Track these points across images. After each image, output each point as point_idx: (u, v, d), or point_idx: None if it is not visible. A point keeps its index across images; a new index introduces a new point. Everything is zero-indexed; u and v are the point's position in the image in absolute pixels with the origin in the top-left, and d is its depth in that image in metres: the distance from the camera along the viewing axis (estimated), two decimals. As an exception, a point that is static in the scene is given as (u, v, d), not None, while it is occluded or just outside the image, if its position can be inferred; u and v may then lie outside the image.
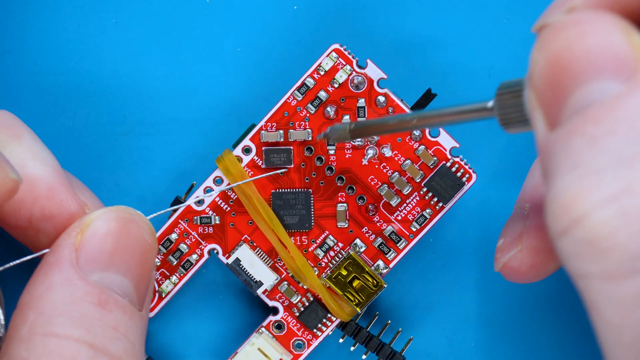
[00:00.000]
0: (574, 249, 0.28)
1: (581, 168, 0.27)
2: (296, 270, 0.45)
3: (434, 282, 0.49)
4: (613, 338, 0.28)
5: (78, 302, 0.36)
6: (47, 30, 0.49)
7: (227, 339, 0.48)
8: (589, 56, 0.28)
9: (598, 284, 0.27)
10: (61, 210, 0.40)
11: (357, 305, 0.44)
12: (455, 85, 0.49)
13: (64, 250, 0.37)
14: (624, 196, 0.26)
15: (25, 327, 0.35)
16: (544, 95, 0.29)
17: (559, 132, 0.28)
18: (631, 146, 0.27)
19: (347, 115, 0.45)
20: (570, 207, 0.27)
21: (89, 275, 0.37)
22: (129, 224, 0.38)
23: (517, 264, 0.39)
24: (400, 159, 0.45)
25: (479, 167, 0.47)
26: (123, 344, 0.36)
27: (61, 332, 0.35)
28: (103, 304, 0.36)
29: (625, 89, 0.27)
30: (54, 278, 0.36)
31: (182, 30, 0.49)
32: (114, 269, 0.37)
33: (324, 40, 0.49)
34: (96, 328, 0.36)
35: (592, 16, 0.29)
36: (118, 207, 0.39)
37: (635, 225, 0.26)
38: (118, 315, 0.37)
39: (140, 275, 0.38)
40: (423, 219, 0.45)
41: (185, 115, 0.49)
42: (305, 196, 0.45)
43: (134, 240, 0.38)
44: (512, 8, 0.49)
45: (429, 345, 0.49)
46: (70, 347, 0.35)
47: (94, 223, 0.38)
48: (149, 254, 0.39)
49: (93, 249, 0.37)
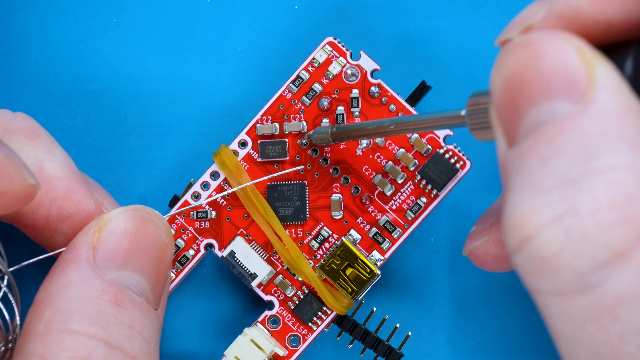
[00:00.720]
0: (526, 267, 0.28)
1: (531, 187, 0.28)
2: (291, 262, 0.44)
3: (433, 283, 0.49)
4: (570, 352, 0.28)
5: (94, 300, 0.36)
6: (48, 31, 0.49)
7: (223, 334, 0.48)
8: (543, 76, 0.29)
9: (551, 300, 0.28)
10: (78, 210, 0.40)
11: (351, 294, 0.44)
12: (453, 79, 0.49)
13: (81, 248, 0.37)
14: (569, 216, 0.27)
15: (41, 324, 0.36)
16: (502, 113, 0.30)
17: (515, 150, 0.29)
18: (578, 167, 0.27)
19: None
20: (521, 225, 0.28)
21: (105, 274, 0.37)
22: (146, 223, 0.39)
23: (481, 252, 0.40)
24: (393, 147, 0.45)
25: (474, 156, 0.46)
26: (138, 342, 0.36)
27: (77, 328, 0.35)
28: (119, 302, 0.36)
29: (577, 110, 0.28)
30: (71, 275, 0.37)
31: (183, 30, 0.49)
32: (131, 267, 0.37)
33: (324, 37, 0.49)
34: (112, 326, 0.36)
35: (546, 36, 0.29)
36: (136, 206, 0.39)
37: (580, 244, 0.27)
38: (134, 313, 0.37)
39: (156, 274, 0.38)
40: (417, 207, 0.45)
41: (185, 115, 0.49)
42: (300, 188, 0.45)
43: (151, 239, 0.38)
44: (512, 2, 0.49)
45: (429, 344, 0.49)
46: (86, 343, 0.35)
47: (112, 222, 0.38)
48: (166, 253, 0.39)
49: (110, 247, 0.37)
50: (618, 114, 0.28)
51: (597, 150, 0.27)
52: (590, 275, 0.27)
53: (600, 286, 0.27)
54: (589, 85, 0.28)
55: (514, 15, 0.48)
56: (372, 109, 0.45)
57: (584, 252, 0.27)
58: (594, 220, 0.27)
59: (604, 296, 0.27)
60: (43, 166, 0.40)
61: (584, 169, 0.27)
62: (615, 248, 0.27)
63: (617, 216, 0.27)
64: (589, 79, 0.28)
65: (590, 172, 0.27)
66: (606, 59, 0.29)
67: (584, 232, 0.27)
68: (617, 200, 0.27)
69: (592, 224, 0.27)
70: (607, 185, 0.27)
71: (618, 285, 0.27)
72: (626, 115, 0.28)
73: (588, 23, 0.31)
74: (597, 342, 0.27)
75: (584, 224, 0.27)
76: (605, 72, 0.28)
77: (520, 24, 0.32)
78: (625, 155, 0.27)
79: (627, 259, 0.27)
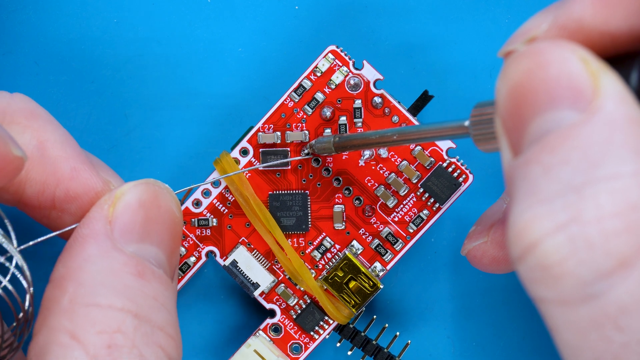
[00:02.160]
0: (530, 275, 0.28)
1: (536, 195, 0.28)
2: (293, 272, 0.44)
3: (433, 283, 0.49)
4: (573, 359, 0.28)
5: (117, 273, 0.36)
6: (48, 31, 0.49)
7: (225, 341, 0.48)
8: (547, 86, 0.28)
9: (554, 308, 0.28)
10: (86, 189, 0.39)
11: (354, 307, 0.44)
12: (456, 87, 0.49)
13: (97, 223, 0.37)
14: (573, 224, 0.27)
15: (65, 299, 0.35)
16: (507, 123, 0.30)
17: (519, 159, 0.29)
18: (582, 175, 0.27)
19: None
20: (524, 234, 0.28)
21: (124, 247, 0.37)
22: (159, 196, 0.38)
23: (479, 254, 0.41)
24: (396, 159, 0.45)
25: (476, 168, 0.46)
26: (163, 313, 0.36)
27: (104, 302, 0.35)
28: (141, 275, 0.36)
29: (581, 118, 0.28)
30: (91, 250, 0.36)
31: (184, 30, 0.49)
32: (148, 240, 0.37)
33: (325, 40, 0.49)
34: (138, 298, 0.36)
35: (551, 46, 0.29)
36: (147, 179, 0.39)
37: (583, 253, 0.27)
38: (156, 285, 0.37)
39: (171, 246, 0.38)
40: (420, 220, 0.45)
41: (186, 115, 0.49)
42: (302, 198, 0.45)
43: (165, 212, 0.38)
44: (513, 9, 0.49)
45: (429, 344, 0.49)
46: (115, 316, 0.35)
47: (126, 195, 0.38)
48: (178, 226, 0.39)
49: (127, 220, 0.37)
50: (623, 123, 0.28)
51: (601, 158, 0.27)
52: (594, 284, 0.27)
53: (603, 295, 0.27)
54: (593, 95, 0.28)
55: (518, 24, 0.48)
56: (375, 119, 0.45)
57: (587, 261, 0.27)
58: (598, 228, 0.27)
59: (608, 305, 0.27)
60: (46, 147, 0.39)
61: (588, 177, 0.27)
62: (618, 256, 0.27)
63: (620, 224, 0.27)
64: (593, 88, 0.28)
65: (594, 180, 0.27)
66: (611, 69, 0.29)
67: (588, 240, 0.27)
68: (621, 208, 0.27)
69: (596, 232, 0.27)
70: (611, 193, 0.27)
71: (622, 293, 0.27)
72: (631, 124, 0.28)
73: (592, 35, 0.31)
74: (601, 350, 0.27)
75: (587, 232, 0.27)
76: (611, 82, 0.28)
77: (523, 35, 0.32)
78: (630, 164, 0.27)
79: (631, 268, 0.26)
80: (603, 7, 0.30)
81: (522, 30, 0.33)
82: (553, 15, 0.32)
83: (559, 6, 0.32)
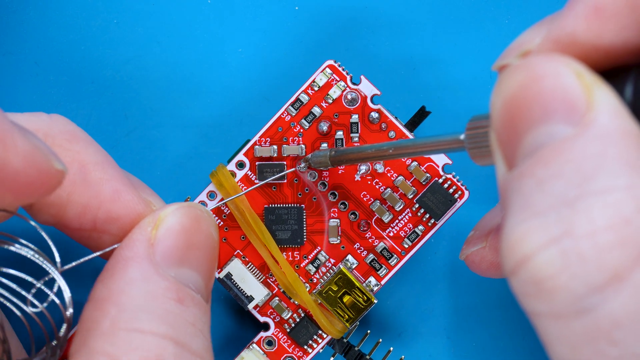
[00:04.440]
0: (523, 289, 0.28)
1: (529, 209, 0.28)
2: (287, 285, 0.45)
3: (428, 298, 0.49)
4: None
5: (159, 298, 0.36)
6: (49, 31, 0.49)
7: (218, 354, 0.49)
8: (541, 99, 0.28)
9: (548, 322, 0.28)
10: (128, 211, 0.39)
11: (347, 321, 0.44)
12: (453, 103, 0.49)
13: (140, 246, 0.37)
14: (566, 238, 0.27)
15: (106, 322, 0.35)
16: (502, 136, 0.30)
17: (513, 172, 0.29)
18: (575, 188, 0.27)
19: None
20: (517, 247, 0.28)
21: (166, 271, 0.37)
22: (200, 221, 0.38)
23: (478, 259, 0.41)
24: (392, 175, 0.45)
25: (472, 184, 0.46)
26: (201, 340, 0.37)
27: (146, 328, 0.35)
28: (182, 300, 0.36)
29: (575, 132, 0.28)
30: (133, 273, 0.36)
31: (184, 31, 0.49)
32: (188, 264, 0.37)
33: (325, 41, 0.48)
34: (179, 324, 0.36)
35: (545, 59, 0.29)
36: (189, 203, 0.39)
37: (576, 267, 0.27)
38: (195, 311, 0.37)
39: (209, 271, 0.38)
40: (415, 235, 0.45)
41: (185, 116, 0.49)
42: (297, 211, 0.45)
43: (205, 236, 0.38)
44: (510, 25, 0.48)
45: (429, 344, 0.49)
46: (157, 343, 0.35)
47: (168, 219, 0.38)
48: (216, 250, 0.39)
49: (169, 244, 0.37)
50: (616, 136, 0.27)
51: (594, 171, 0.27)
52: (587, 298, 0.27)
53: (596, 309, 0.27)
54: (587, 108, 0.28)
55: (513, 31, 0.48)
56: (372, 134, 0.45)
57: (580, 274, 0.27)
58: (591, 242, 0.27)
59: (601, 319, 0.27)
60: (88, 170, 0.39)
61: (581, 191, 0.27)
62: (611, 270, 0.26)
63: (613, 238, 0.26)
64: (587, 101, 0.28)
65: (587, 193, 0.27)
66: (605, 82, 0.29)
67: (581, 254, 0.27)
68: (614, 222, 0.26)
69: (589, 246, 0.27)
70: (603, 207, 0.27)
71: (615, 307, 0.26)
72: (625, 138, 0.27)
73: (585, 48, 0.30)
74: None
75: (580, 245, 0.27)
76: (604, 95, 0.28)
77: (517, 50, 0.32)
78: (623, 177, 0.27)
79: (624, 282, 0.26)
80: (596, 21, 0.30)
81: (515, 44, 0.32)
82: (546, 29, 0.31)
83: (552, 20, 0.31)
